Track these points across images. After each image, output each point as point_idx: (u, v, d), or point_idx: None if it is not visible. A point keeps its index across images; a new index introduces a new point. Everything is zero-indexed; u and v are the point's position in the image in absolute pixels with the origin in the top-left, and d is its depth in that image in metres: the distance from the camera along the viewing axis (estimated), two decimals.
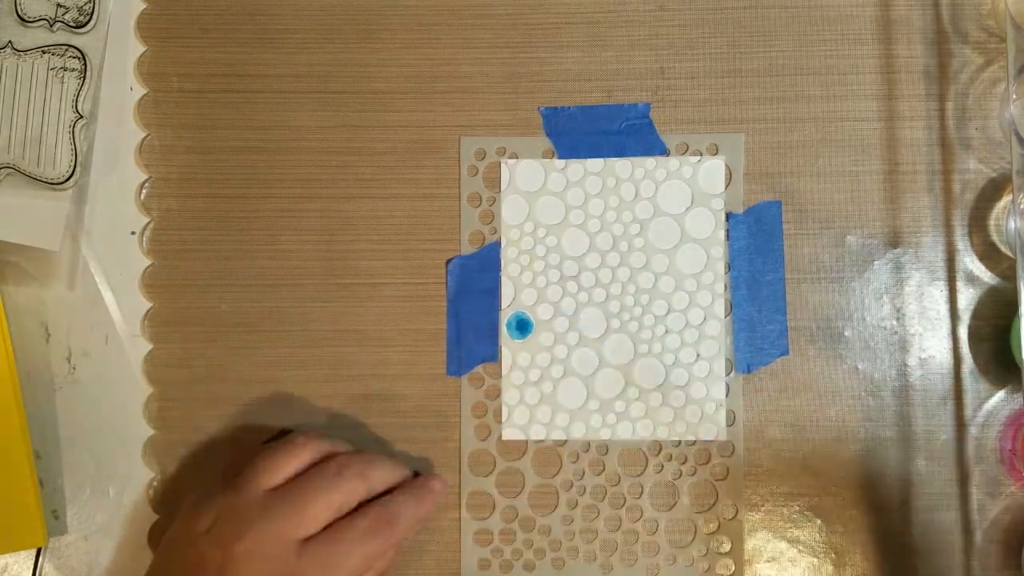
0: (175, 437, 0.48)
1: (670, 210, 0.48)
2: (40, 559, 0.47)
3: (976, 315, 0.47)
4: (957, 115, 0.48)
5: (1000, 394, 0.47)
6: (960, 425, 0.47)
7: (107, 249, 0.48)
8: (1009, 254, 0.47)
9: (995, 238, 0.47)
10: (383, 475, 0.44)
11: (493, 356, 0.48)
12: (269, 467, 0.42)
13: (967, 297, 0.47)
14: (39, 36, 0.47)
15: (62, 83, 0.47)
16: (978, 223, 0.48)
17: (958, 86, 0.48)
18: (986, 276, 0.47)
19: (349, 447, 0.45)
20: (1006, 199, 0.47)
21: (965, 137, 0.48)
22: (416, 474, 0.46)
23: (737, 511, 0.47)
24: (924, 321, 0.47)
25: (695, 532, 0.47)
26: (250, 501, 0.41)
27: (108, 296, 0.48)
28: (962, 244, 0.48)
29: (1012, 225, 0.44)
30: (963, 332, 0.47)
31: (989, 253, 0.47)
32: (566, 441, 0.47)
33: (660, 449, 0.47)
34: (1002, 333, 0.47)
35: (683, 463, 0.47)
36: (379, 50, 0.49)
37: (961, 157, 0.48)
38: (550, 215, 0.48)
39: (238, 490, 0.42)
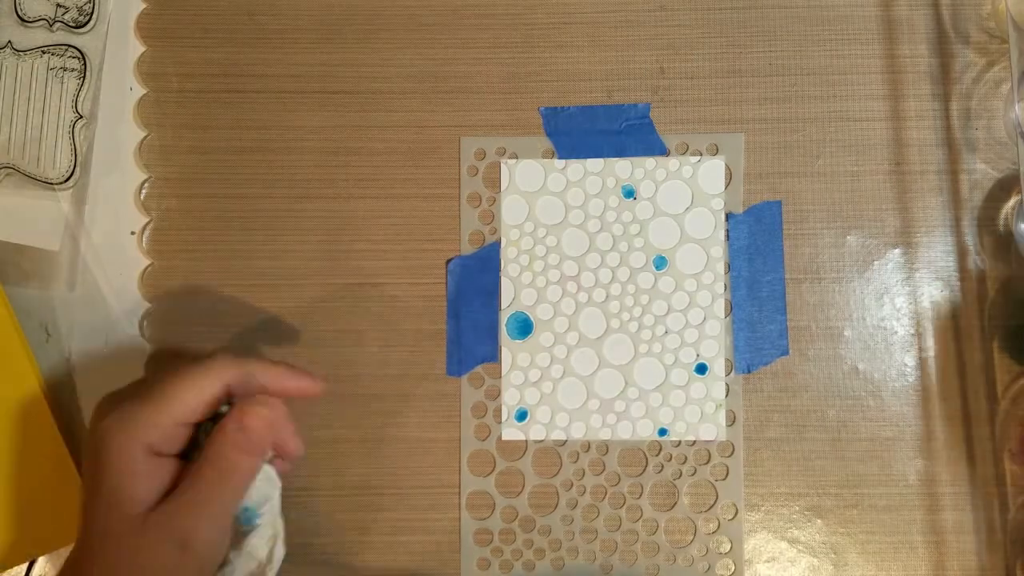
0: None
1: (670, 210, 0.48)
2: (34, 561, 0.47)
3: (988, 315, 0.47)
4: (961, 116, 0.48)
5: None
6: (983, 424, 0.47)
7: (107, 249, 0.48)
8: (1021, 253, 0.47)
9: (1005, 239, 0.47)
10: (255, 374, 0.40)
11: (493, 356, 0.48)
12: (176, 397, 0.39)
13: (978, 298, 0.47)
14: (39, 36, 0.47)
15: (62, 83, 0.47)
16: (988, 223, 0.48)
17: (961, 87, 0.48)
18: (997, 276, 0.47)
19: (265, 365, 0.41)
20: (1015, 199, 0.47)
21: (969, 138, 0.48)
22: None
23: (737, 511, 0.47)
24: (932, 321, 0.47)
25: (695, 532, 0.47)
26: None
27: (108, 296, 0.48)
28: (972, 244, 0.48)
29: (1023, 225, 0.44)
30: (975, 332, 0.47)
31: (1000, 253, 0.47)
32: (566, 441, 0.47)
33: (660, 449, 0.47)
34: (1014, 333, 0.47)
35: (683, 463, 0.47)
36: (379, 50, 0.49)
37: (966, 158, 0.48)
38: (550, 215, 0.48)
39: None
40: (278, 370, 0.40)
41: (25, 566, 0.47)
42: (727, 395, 0.47)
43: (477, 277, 0.48)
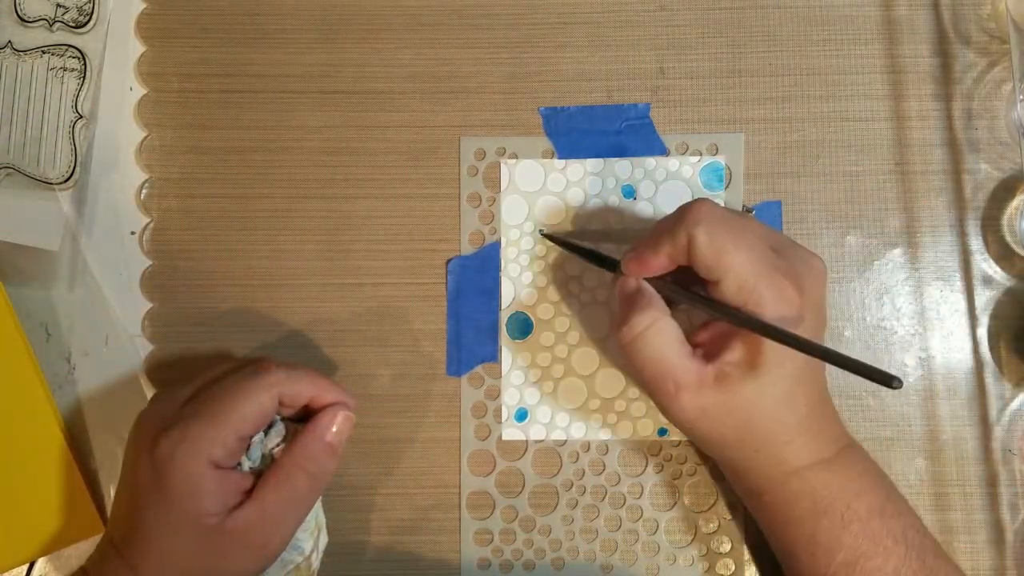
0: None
1: (670, 210, 0.48)
2: (34, 562, 0.47)
3: (994, 316, 0.47)
4: (962, 116, 0.48)
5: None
6: (984, 424, 0.47)
7: (107, 249, 0.48)
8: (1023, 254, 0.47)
9: (1008, 239, 0.47)
10: (303, 387, 0.41)
11: (493, 356, 0.48)
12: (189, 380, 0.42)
13: (984, 298, 0.47)
14: (39, 36, 0.47)
15: (62, 83, 0.47)
16: (992, 224, 0.48)
17: (962, 87, 0.48)
18: (1001, 277, 0.47)
19: (312, 377, 0.42)
20: (1018, 199, 0.47)
21: (971, 138, 0.48)
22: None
23: (737, 511, 0.47)
24: (934, 321, 0.47)
25: (695, 532, 0.47)
26: (169, 407, 0.41)
27: (108, 296, 0.48)
28: (976, 245, 0.48)
29: None
30: (982, 333, 0.47)
31: (1004, 254, 0.47)
32: (566, 441, 0.47)
33: (660, 449, 0.47)
34: (1021, 334, 0.47)
35: (683, 463, 0.47)
36: (379, 50, 0.49)
37: (968, 158, 0.48)
38: (550, 215, 0.48)
39: (158, 399, 0.42)
40: (322, 383, 0.41)
41: (25, 566, 0.47)
42: None
43: (477, 277, 0.48)
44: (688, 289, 0.41)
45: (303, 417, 0.42)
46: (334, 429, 0.41)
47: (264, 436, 0.41)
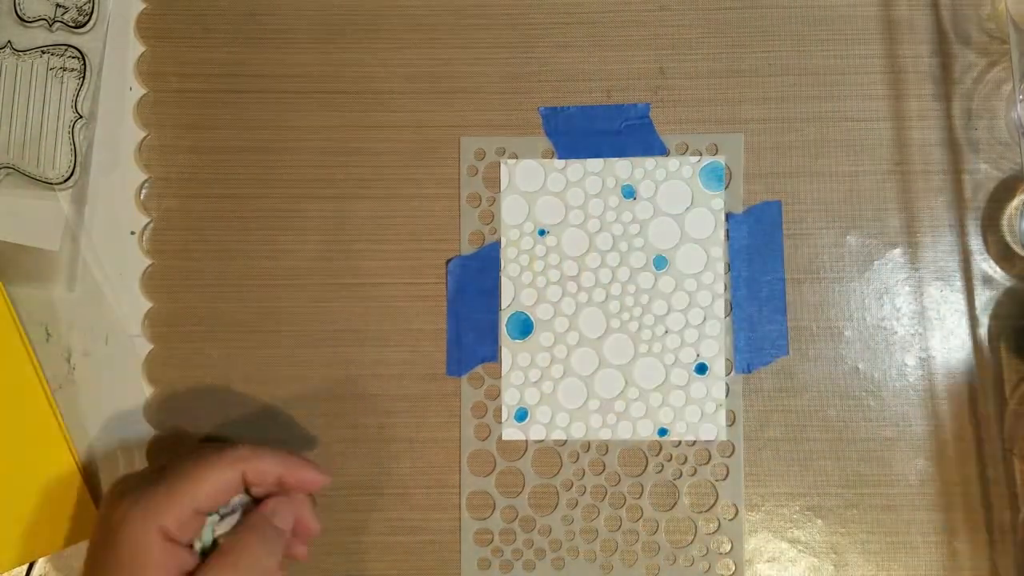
0: (175, 437, 0.47)
1: (670, 210, 0.48)
2: (34, 563, 0.47)
3: (994, 316, 0.47)
4: (962, 116, 0.48)
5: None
6: (984, 425, 0.47)
7: (107, 249, 0.48)
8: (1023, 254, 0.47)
9: (1008, 239, 0.47)
10: (268, 464, 0.41)
11: (493, 356, 0.48)
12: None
13: (984, 298, 0.47)
14: (38, 36, 0.47)
15: (62, 83, 0.47)
16: (992, 224, 0.48)
17: (962, 87, 0.48)
18: (1001, 277, 0.47)
19: (279, 456, 0.41)
20: (1018, 199, 0.47)
21: (971, 138, 0.48)
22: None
23: (737, 511, 0.47)
24: (934, 321, 0.47)
25: (695, 532, 0.47)
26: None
27: (108, 296, 0.48)
28: (976, 245, 0.48)
29: None
30: (982, 333, 0.47)
31: (1004, 254, 0.47)
32: (566, 441, 0.47)
33: (660, 449, 0.47)
34: (1021, 333, 0.47)
35: (683, 463, 0.47)
36: (379, 50, 0.49)
37: (968, 158, 0.48)
38: (550, 215, 0.48)
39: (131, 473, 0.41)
40: (291, 461, 0.41)
41: (25, 567, 0.47)
42: (727, 395, 0.47)
43: (477, 277, 0.48)
44: None
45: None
46: (276, 520, 0.40)
47: (220, 520, 0.40)
